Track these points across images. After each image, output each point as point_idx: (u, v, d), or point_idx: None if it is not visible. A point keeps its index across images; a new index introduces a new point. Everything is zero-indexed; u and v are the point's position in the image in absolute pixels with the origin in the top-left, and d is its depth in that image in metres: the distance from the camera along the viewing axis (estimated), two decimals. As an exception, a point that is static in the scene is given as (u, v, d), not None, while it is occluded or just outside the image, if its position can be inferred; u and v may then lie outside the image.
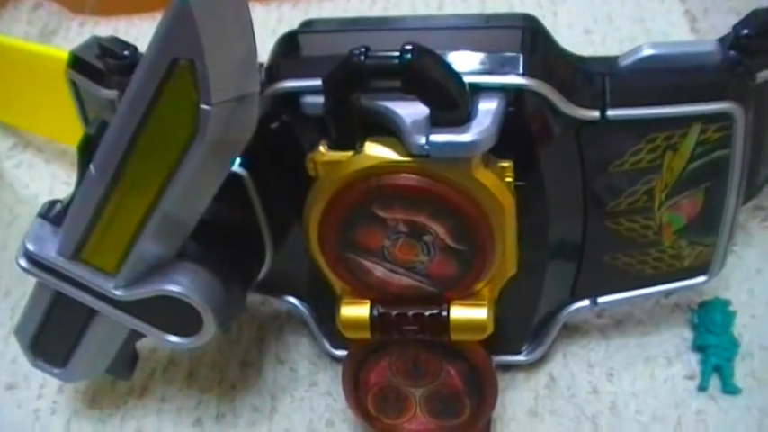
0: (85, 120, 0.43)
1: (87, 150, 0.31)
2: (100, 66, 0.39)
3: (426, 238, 0.31)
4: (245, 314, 0.42)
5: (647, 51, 0.32)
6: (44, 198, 0.47)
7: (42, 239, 0.33)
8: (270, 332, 0.41)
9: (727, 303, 0.39)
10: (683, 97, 0.32)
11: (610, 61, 0.33)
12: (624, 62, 0.32)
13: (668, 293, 0.39)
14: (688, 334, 0.39)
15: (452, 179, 0.30)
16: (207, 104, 0.28)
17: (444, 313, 0.33)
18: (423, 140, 0.29)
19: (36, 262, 0.33)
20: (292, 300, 0.40)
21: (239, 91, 0.28)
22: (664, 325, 0.40)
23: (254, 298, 0.41)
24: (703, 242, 0.36)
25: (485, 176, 0.30)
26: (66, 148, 0.49)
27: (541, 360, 0.39)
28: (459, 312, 0.33)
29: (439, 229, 0.31)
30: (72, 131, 0.44)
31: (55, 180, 0.49)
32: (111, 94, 0.38)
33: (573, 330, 0.39)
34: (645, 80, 0.32)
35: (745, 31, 0.33)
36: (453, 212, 0.31)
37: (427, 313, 0.33)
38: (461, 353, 0.34)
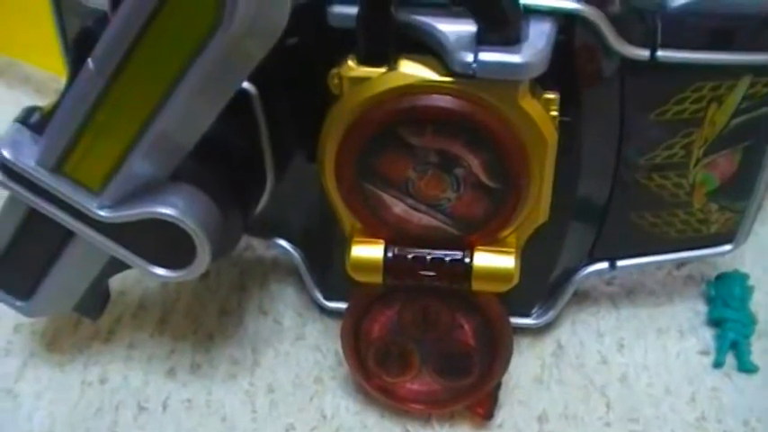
0: (63, 36, 0.38)
1: (85, 44, 0.27)
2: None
3: (457, 171, 0.28)
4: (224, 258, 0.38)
5: (700, -8, 0.30)
6: (4, 126, 0.44)
7: (20, 147, 0.29)
8: (252, 280, 0.38)
9: (746, 277, 0.37)
10: (736, 44, 0.30)
11: (658, 1, 0.30)
12: (675, 3, 0.30)
13: (684, 262, 0.37)
14: (701, 307, 0.37)
15: (495, 105, 0.27)
16: (236, -10, 0.24)
17: (467, 259, 0.30)
18: (470, 58, 0.26)
19: (10, 172, 0.29)
20: (284, 243, 0.36)
21: (274, -21, 0.25)
22: (677, 296, 0.37)
23: (237, 242, 0.38)
24: (733, 207, 0.34)
25: (531, 106, 0.28)
26: (32, 72, 0.45)
27: (548, 326, 0.36)
28: (483, 259, 0.30)
29: (473, 162, 0.28)
30: (44, 52, 0.41)
31: (18, 107, 0.44)
32: (101, 3, 0.34)
33: (582, 297, 0.37)
34: (698, 22, 0.30)
35: None
36: (491, 143, 0.28)
37: (448, 258, 0.30)
38: (477, 306, 0.31)
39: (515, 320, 0.35)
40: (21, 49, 0.44)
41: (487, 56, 0.26)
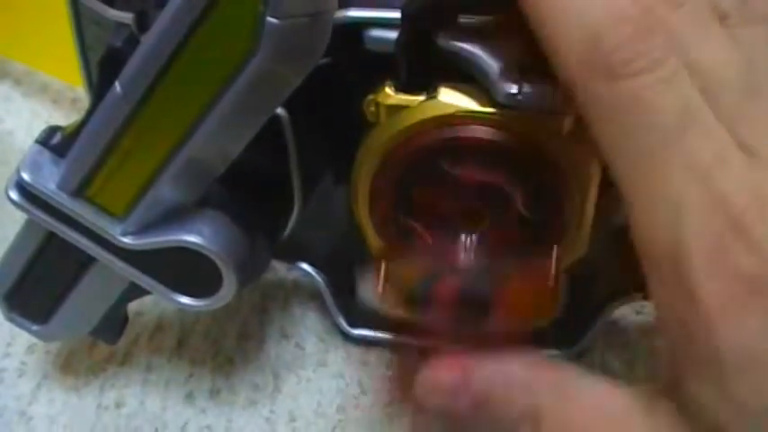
0: (82, 46, 0.37)
1: (112, 65, 0.26)
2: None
3: (497, 202, 0.27)
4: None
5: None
6: (21, 136, 0.43)
7: (40, 170, 0.28)
8: (274, 302, 0.37)
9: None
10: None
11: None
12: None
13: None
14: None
15: (539, 137, 0.26)
16: (275, 17, 0.23)
17: None
18: (515, 89, 0.25)
19: (30, 195, 0.28)
20: (308, 268, 0.35)
21: (314, 6, 0.24)
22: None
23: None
24: None
25: (575, 139, 0.26)
26: (49, 81, 0.44)
27: (578, 354, 0.35)
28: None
29: (513, 194, 0.27)
30: (61, 61, 0.39)
31: (34, 117, 0.43)
32: (123, 16, 0.33)
33: (611, 325, 0.36)
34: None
35: None
36: (533, 175, 0.27)
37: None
38: None
39: (546, 351, 0.34)
40: (38, 58, 0.42)
41: (534, 87, 0.25)
